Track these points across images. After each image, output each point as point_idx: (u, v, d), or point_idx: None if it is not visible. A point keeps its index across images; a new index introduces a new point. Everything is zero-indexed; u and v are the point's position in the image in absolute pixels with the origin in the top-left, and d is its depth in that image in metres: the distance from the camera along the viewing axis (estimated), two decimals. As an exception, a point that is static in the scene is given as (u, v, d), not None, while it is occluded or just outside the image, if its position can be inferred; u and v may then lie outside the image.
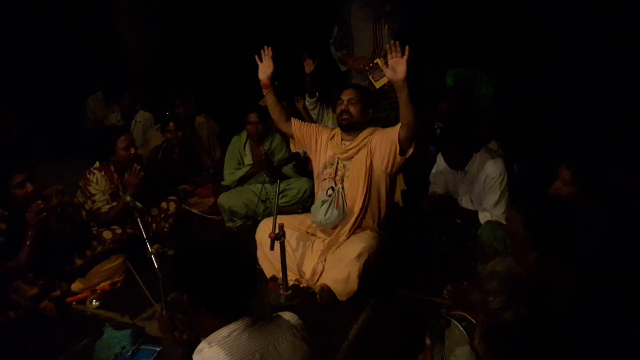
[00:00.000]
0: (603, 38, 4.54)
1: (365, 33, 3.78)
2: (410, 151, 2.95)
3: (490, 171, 3.08)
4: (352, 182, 3.08)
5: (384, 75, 3.63)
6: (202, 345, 1.41)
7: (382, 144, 3.01)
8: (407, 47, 2.66)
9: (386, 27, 3.75)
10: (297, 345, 1.47)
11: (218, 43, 6.26)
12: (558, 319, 1.20)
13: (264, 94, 3.23)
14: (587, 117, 4.49)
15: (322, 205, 3.08)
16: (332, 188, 3.10)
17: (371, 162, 3.05)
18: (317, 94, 4.69)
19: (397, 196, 3.68)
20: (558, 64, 4.76)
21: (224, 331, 1.40)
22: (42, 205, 2.80)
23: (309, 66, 4.49)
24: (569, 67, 4.61)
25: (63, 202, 3.19)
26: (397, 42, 2.68)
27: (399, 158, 2.97)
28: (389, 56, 2.71)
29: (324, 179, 3.18)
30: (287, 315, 1.55)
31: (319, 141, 3.23)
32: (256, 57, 3.15)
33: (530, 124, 4.65)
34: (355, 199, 3.07)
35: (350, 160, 3.10)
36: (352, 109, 3.07)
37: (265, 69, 3.14)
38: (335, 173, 3.14)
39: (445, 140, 3.27)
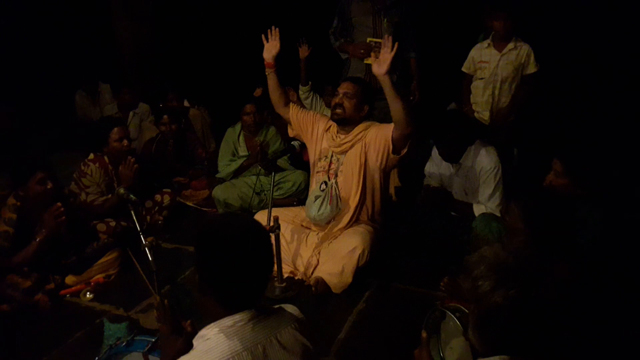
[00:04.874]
0: (602, 36, 4.55)
1: (365, 26, 3.85)
2: (404, 151, 2.91)
3: (484, 164, 3.09)
4: (347, 176, 3.05)
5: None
6: (204, 331, 1.37)
7: (377, 140, 2.97)
8: (396, 44, 2.66)
9: (385, 20, 3.82)
10: (298, 338, 1.45)
11: (213, 36, 6.22)
12: (547, 301, 1.20)
13: (267, 74, 3.16)
14: (585, 113, 4.50)
15: (315, 200, 3.06)
16: (326, 182, 3.07)
17: (366, 157, 3.01)
18: (309, 82, 4.65)
19: (390, 190, 3.68)
20: (558, 61, 4.75)
21: (228, 321, 1.37)
22: (62, 209, 2.82)
23: (303, 52, 4.45)
24: (569, 64, 4.61)
25: (74, 205, 3.20)
26: (391, 38, 2.70)
27: (392, 156, 2.95)
28: (382, 49, 2.70)
29: (318, 172, 3.16)
30: (290, 308, 1.53)
31: (315, 130, 3.20)
32: (262, 36, 3.09)
33: (530, 118, 4.64)
34: (350, 194, 3.05)
35: (345, 155, 3.07)
36: (347, 104, 3.02)
37: (270, 48, 3.08)
38: (329, 166, 3.11)
39: (440, 134, 3.26)
